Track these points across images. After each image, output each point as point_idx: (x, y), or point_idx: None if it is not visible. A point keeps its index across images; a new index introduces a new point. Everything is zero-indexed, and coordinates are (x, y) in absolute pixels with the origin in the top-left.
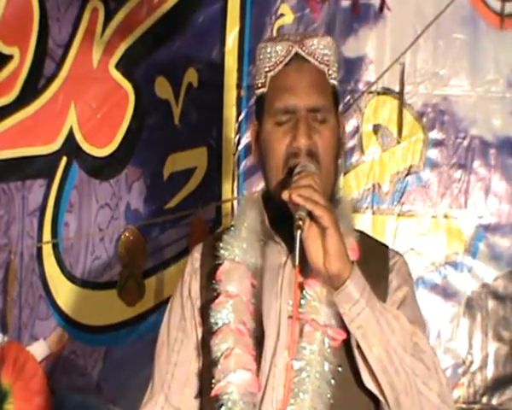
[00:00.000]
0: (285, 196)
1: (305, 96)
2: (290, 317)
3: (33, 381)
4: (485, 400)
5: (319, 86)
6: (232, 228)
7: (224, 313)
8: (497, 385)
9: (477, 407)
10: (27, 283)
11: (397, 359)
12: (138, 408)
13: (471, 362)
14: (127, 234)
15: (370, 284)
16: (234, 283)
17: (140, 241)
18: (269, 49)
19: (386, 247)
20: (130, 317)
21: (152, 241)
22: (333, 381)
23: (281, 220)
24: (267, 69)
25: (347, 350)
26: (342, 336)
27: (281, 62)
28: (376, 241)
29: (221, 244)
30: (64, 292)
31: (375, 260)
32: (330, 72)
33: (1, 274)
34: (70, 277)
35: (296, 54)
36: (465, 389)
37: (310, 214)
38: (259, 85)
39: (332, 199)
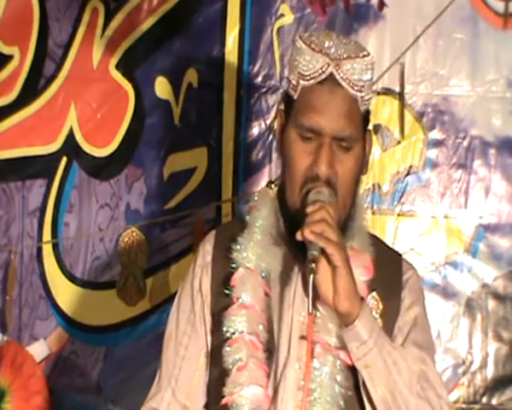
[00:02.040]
0: (299, 237)
1: (332, 121)
2: (302, 337)
3: (31, 381)
4: (485, 400)
5: (349, 115)
6: (246, 229)
7: (237, 323)
8: (497, 385)
9: (477, 407)
10: (27, 283)
11: (402, 401)
12: (139, 408)
13: (471, 362)
14: (127, 234)
15: (383, 300)
16: (248, 292)
17: (140, 241)
18: (307, 57)
19: (400, 257)
20: (130, 317)
21: (152, 241)
22: (342, 403)
23: (296, 227)
24: (300, 76)
25: (356, 374)
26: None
27: (314, 78)
28: (390, 250)
29: (236, 246)
30: (64, 292)
31: (389, 275)
32: (365, 97)
33: (1, 274)
34: (70, 277)
35: (331, 74)
36: (465, 389)
37: (323, 250)
38: (291, 86)
39: (348, 218)
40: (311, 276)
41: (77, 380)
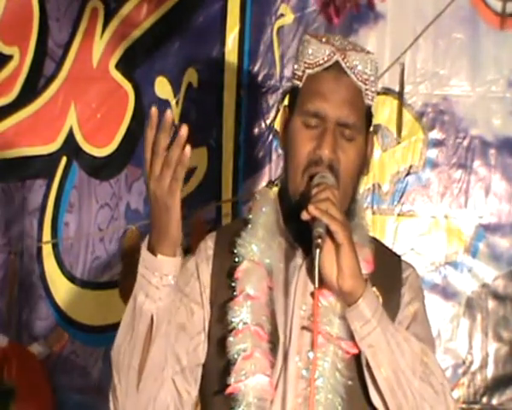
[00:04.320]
0: (304, 215)
1: (337, 107)
2: (303, 327)
3: (37, 381)
4: (485, 400)
5: (353, 103)
6: (249, 225)
7: (242, 313)
8: (497, 385)
9: (477, 407)
10: (27, 283)
11: (405, 381)
12: None
13: (471, 362)
14: (127, 234)
15: (383, 296)
16: (252, 284)
17: (140, 241)
18: (313, 47)
19: (399, 258)
20: None
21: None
22: (344, 392)
23: (296, 221)
24: (306, 65)
25: (358, 364)
26: (355, 350)
27: (320, 65)
28: (389, 250)
29: (239, 241)
30: (64, 292)
31: (389, 273)
32: (368, 92)
33: (1, 274)
34: (70, 277)
35: (337, 62)
36: (465, 389)
37: (327, 230)
38: (296, 77)
39: (348, 212)
40: (317, 251)
41: (77, 380)
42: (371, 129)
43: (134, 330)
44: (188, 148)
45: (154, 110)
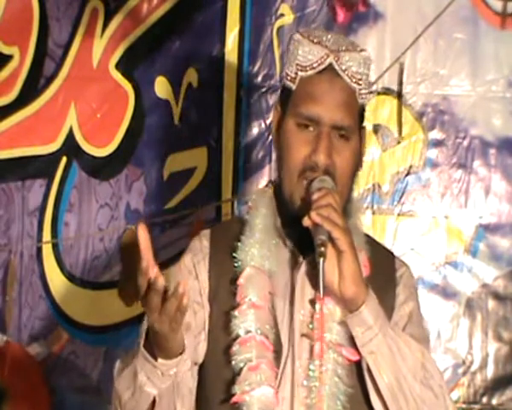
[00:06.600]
0: (306, 222)
1: (331, 111)
2: (303, 335)
3: (33, 381)
4: (485, 400)
5: (347, 105)
6: (248, 227)
7: (247, 322)
8: (497, 385)
9: (477, 407)
10: (27, 283)
11: (406, 386)
12: None
13: (471, 362)
14: (127, 234)
15: (378, 297)
16: (255, 291)
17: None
18: (305, 48)
19: (392, 255)
20: (130, 317)
21: (152, 241)
22: (344, 400)
23: (296, 225)
24: (299, 67)
25: (358, 371)
26: (356, 356)
27: (313, 68)
28: (382, 248)
29: (239, 245)
30: (64, 292)
31: (383, 272)
32: (361, 91)
33: (1, 274)
34: (70, 277)
35: (330, 64)
36: (465, 389)
37: (329, 236)
38: (289, 78)
39: (343, 212)
40: (321, 260)
41: (77, 380)
42: (363, 124)
43: (134, 397)
44: (185, 300)
45: (181, 288)
